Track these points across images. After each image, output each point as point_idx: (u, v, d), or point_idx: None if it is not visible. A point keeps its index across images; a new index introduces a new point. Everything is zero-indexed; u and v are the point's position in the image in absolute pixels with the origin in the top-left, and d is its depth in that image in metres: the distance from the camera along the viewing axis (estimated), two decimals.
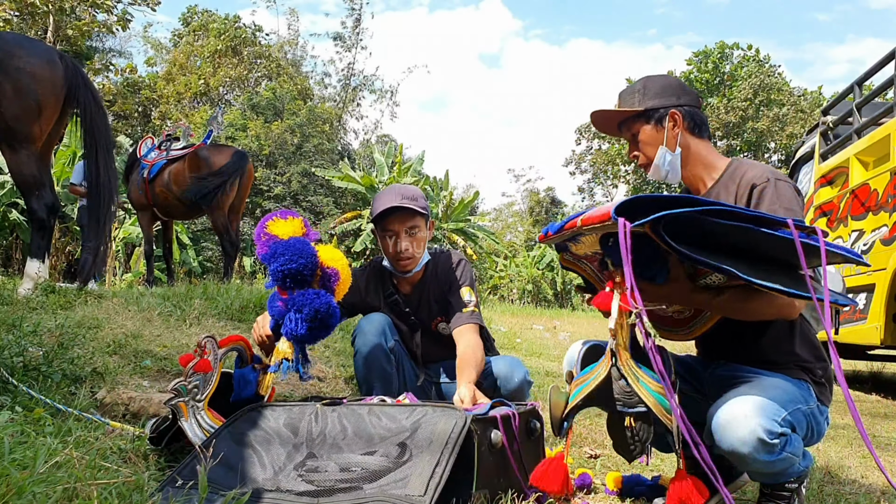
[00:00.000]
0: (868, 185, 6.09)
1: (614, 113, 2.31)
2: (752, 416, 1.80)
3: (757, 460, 1.83)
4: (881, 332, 5.64)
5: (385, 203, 2.77)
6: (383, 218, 2.79)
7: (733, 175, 2.18)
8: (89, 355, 3.22)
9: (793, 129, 28.29)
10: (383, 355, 2.78)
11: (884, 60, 6.47)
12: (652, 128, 2.25)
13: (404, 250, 2.80)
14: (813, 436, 2.06)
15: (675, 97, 2.25)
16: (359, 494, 1.79)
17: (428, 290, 2.93)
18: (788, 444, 1.86)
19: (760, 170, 2.12)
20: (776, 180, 2.08)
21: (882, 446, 3.62)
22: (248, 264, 19.44)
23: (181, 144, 8.28)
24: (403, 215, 2.78)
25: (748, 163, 2.20)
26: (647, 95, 2.26)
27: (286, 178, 22.95)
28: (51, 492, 1.46)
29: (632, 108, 2.26)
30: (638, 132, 2.27)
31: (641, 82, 2.30)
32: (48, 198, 4.85)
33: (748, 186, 2.10)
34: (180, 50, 29.16)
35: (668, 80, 2.31)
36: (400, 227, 2.79)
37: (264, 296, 5.30)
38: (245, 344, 2.56)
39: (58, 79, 4.83)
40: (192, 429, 2.25)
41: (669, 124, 2.23)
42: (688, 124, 2.24)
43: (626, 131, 2.32)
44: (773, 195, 2.05)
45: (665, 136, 2.23)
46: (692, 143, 2.25)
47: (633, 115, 2.27)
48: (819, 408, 2.07)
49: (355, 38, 29.37)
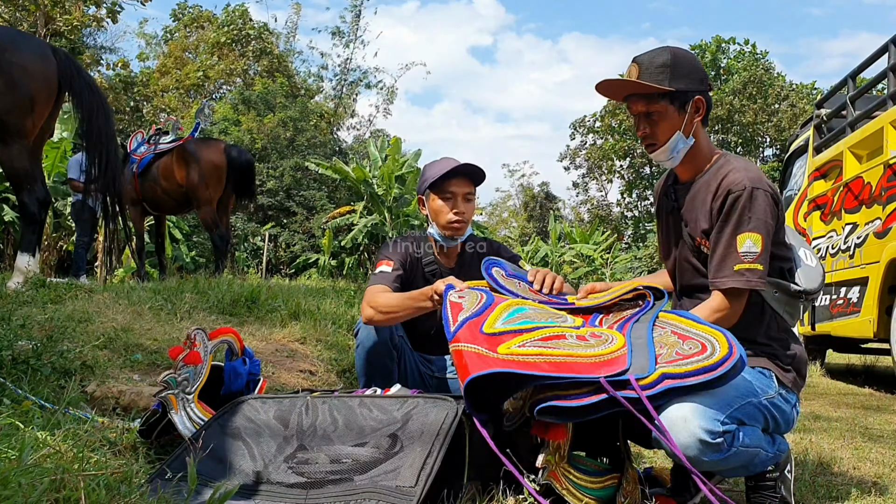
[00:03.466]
0: (861, 178, 6.10)
1: (638, 86, 2.13)
2: (691, 418, 1.77)
3: (705, 461, 1.81)
4: (874, 325, 5.65)
5: (448, 166, 2.80)
6: (446, 180, 2.80)
7: (717, 172, 2.15)
8: (79, 349, 3.20)
9: (779, 121, 28.34)
10: (385, 351, 2.74)
11: (877, 54, 6.48)
12: (675, 110, 2.13)
13: (462, 212, 2.82)
14: (779, 425, 2.04)
15: (700, 82, 2.16)
16: (349, 486, 1.78)
17: (471, 263, 2.91)
18: (737, 439, 1.84)
19: (741, 175, 2.08)
20: (753, 189, 2.05)
21: (874, 438, 3.63)
22: (240, 259, 19.41)
23: (170, 138, 8.24)
24: (464, 180, 2.82)
25: (733, 161, 2.17)
26: (677, 75, 2.11)
27: (279, 173, 22.87)
28: (38, 483, 1.44)
29: (660, 84, 2.11)
30: (656, 111, 2.14)
31: (669, 56, 2.13)
32: (40, 192, 4.83)
33: (725, 191, 2.08)
34: (176, 43, 29.05)
35: (696, 62, 2.20)
36: (460, 191, 2.82)
37: (255, 290, 5.29)
38: (235, 336, 2.54)
39: (51, 73, 4.80)
40: (182, 421, 2.23)
41: (692, 110, 2.15)
42: (704, 113, 2.18)
43: (638, 104, 2.17)
44: (746, 207, 2.05)
45: (685, 121, 2.14)
46: (700, 132, 2.20)
47: (656, 93, 2.12)
48: (783, 395, 2.06)
49: (354, 33, 29.33)
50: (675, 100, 2.13)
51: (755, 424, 1.94)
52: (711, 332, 1.86)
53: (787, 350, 2.14)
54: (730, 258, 2.05)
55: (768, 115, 28.98)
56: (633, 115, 2.22)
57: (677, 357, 1.81)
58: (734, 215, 2.05)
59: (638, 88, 2.14)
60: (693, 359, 1.79)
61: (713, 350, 1.80)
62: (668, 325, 1.97)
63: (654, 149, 2.19)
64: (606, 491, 1.93)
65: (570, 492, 1.87)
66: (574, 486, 1.88)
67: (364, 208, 20.85)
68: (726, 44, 31.50)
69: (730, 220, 2.06)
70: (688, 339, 1.87)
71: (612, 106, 32.49)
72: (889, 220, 5.53)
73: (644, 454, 2.91)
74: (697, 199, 2.18)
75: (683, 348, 1.84)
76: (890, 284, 5.52)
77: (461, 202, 2.82)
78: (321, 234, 21.31)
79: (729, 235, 2.06)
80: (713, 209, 2.11)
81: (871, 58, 6.67)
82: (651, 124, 2.16)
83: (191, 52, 28.85)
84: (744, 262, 2.03)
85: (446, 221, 2.83)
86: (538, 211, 36.08)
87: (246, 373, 2.51)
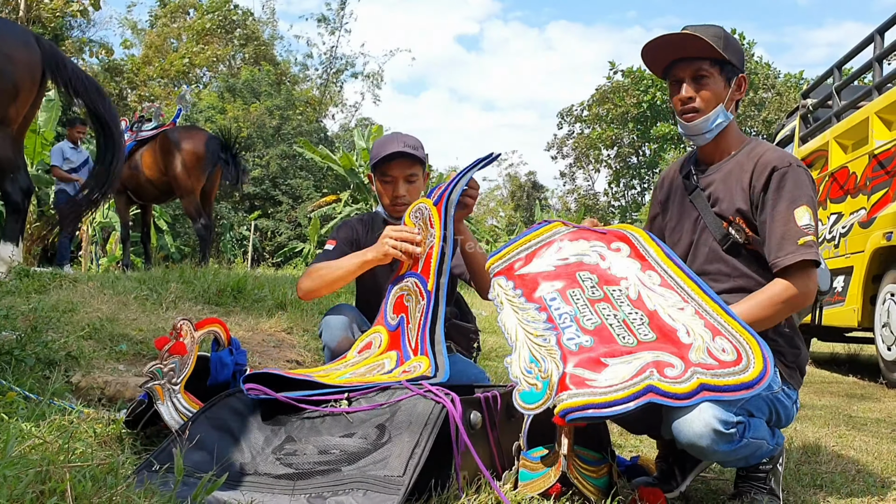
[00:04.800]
0: (847, 168, 6.13)
1: (699, 42, 2.10)
2: (706, 408, 1.76)
3: (717, 451, 1.81)
4: (858, 314, 5.70)
5: (387, 149, 2.79)
6: (384, 163, 2.80)
7: (750, 154, 2.16)
8: (64, 339, 3.18)
9: (768, 114, 28.44)
10: (348, 348, 2.73)
11: (863, 44, 6.51)
12: (723, 81, 2.15)
13: (402, 196, 2.81)
14: (780, 419, 2.05)
15: (742, 63, 2.20)
16: (338, 476, 1.77)
17: None
18: (747, 430, 1.85)
19: (780, 153, 2.11)
20: (797, 166, 2.08)
21: (858, 427, 3.66)
22: (226, 249, 19.32)
23: (152, 125, 8.20)
24: (404, 162, 2.81)
25: (765, 144, 2.20)
26: (728, 48, 2.13)
27: (265, 161, 22.76)
28: (23, 475, 1.43)
29: (720, 49, 2.11)
30: (707, 74, 2.14)
31: (721, 30, 2.15)
32: (23, 181, 4.80)
33: (768, 167, 2.08)
34: (156, 32, 28.80)
35: (738, 42, 2.24)
36: (400, 174, 2.82)
37: (241, 279, 5.27)
38: (222, 327, 2.53)
39: (34, 61, 4.76)
40: (169, 412, 2.22)
41: (734, 87, 2.17)
42: (742, 94, 2.21)
43: (687, 68, 2.16)
44: (794, 182, 2.05)
45: (728, 95, 2.16)
46: (734, 114, 2.22)
47: (712, 59, 2.13)
48: (786, 391, 2.06)
49: (340, 20, 29.15)
50: (725, 70, 2.15)
51: (761, 417, 1.95)
52: (745, 336, 1.84)
53: (792, 347, 2.14)
54: (791, 233, 2.01)
55: (757, 107, 29.07)
56: (676, 80, 2.20)
57: (713, 363, 1.79)
58: (785, 191, 2.04)
59: (699, 44, 2.11)
60: (730, 370, 1.77)
61: (748, 363, 1.78)
62: (692, 302, 1.95)
63: (695, 116, 2.17)
64: (603, 480, 1.94)
65: (579, 481, 1.88)
66: (581, 476, 1.89)
67: (350, 197, 20.80)
68: None
69: (782, 196, 2.04)
70: (719, 334, 1.85)
71: (599, 95, 32.53)
72: (874, 210, 5.57)
73: (630, 442, 2.93)
74: (731, 178, 2.16)
75: (716, 348, 1.82)
76: (874, 274, 5.57)
77: (401, 184, 2.82)
78: (307, 222, 21.25)
79: (785, 211, 2.03)
80: (754, 187, 2.09)
81: (857, 48, 6.70)
82: (699, 88, 2.16)
83: (175, 39, 28.60)
84: (807, 235, 2.00)
85: (388, 203, 2.86)
86: (525, 200, 36.08)
87: (232, 363, 2.49)
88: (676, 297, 1.96)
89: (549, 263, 2.12)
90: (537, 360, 1.89)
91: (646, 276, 2.04)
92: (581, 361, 1.84)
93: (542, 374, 1.85)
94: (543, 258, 2.15)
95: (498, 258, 2.22)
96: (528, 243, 2.22)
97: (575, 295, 2.01)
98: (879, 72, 6.11)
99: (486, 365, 4.39)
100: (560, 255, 2.13)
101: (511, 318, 2.02)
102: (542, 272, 2.11)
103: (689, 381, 1.75)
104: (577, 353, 1.86)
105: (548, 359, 1.87)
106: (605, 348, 1.86)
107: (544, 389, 1.82)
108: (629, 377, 1.77)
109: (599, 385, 1.77)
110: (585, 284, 2.04)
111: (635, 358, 1.82)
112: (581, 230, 2.20)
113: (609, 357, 1.84)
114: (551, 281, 2.07)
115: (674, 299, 1.96)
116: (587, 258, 2.11)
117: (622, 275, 2.05)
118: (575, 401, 1.75)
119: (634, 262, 2.08)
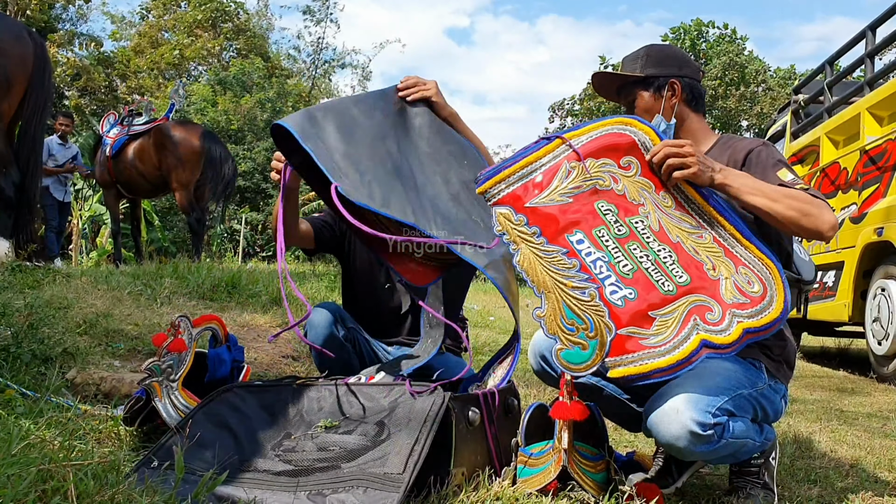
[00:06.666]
0: (838, 163, 6.17)
1: (615, 77, 2.31)
2: (683, 409, 1.80)
3: (695, 452, 1.83)
4: (849, 308, 5.73)
5: None
6: None
7: (723, 147, 2.20)
8: (59, 335, 3.17)
9: (762, 108, 28.48)
10: (338, 346, 2.69)
11: (854, 40, 6.53)
12: (651, 95, 2.23)
13: None
14: (767, 415, 2.06)
15: (677, 67, 2.25)
16: (337, 473, 1.78)
17: None
18: (727, 430, 1.86)
19: (753, 140, 2.18)
20: (770, 146, 2.14)
21: (849, 421, 3.69)
22: (215, 244, 19.23)
23: (143, 119, 8.15)
24: None
25: (737, 137, 2.25)
26: (649, 63, 2.25)
27: (255, 154, 22.64)
28: (25, 473, 1.43)
29: (633, 73, 2.26)
30: (635, 99, 2.26)
31: (644, 49, 2.30)
32: (16, 175, 4.77)
33: (744, 151, 2.12)
34: (151, 23, 28.60)
35: (672, 50, 2.33)
36: None
37: (235, 275, 5.26)
38: (219, 323, 2.53)
39: (27, 55, 4.73)
40: (167, 409, 2.22)
41: (668, 94, 2.22)
42: (686, 96, 2.23)
43: (624, 97, 2.31)
44: (768, 154, 2.09)
45: (662, 105, 2.22)
46: (687, 116, 2.25)
47: (632, 81, 2.26)
48: (773, 386, 2.07)
49: (325, 11, 28.92)
50: (650, 85, 2.23)
51: (744, 416, 1.96)
52: (764, 260, 1.86)
53: (779, 340, 2.15)
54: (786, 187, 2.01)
55: (749, 102, 29.08)
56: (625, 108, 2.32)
57: (746, 301, 1.80)
58: (763, 159, 2.07)
59: (615, 79, 2.32)
60: (761, 306, 1.80)
61: (772, 296, 1.81)
62: (708, 228, 1.93)
63: None
64: (602, 475, 1.94)
65: (579, 475, 1.88)
66: (581, 471, 1.89)
67: None
68: (706, 27, 31.52)
69: (762, 163, 2.07)
70: (741, 264, 1.85)
71: (591, 88, 32.48)
72: (865, 206, 5.60)
73: (625, 438, 2.94)
74: None
75: (742, 282, 1.83)
76: (865, 269, 5.60)
77: None
78: None
79: (771, 174, 2.04)
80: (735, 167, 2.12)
81: (848, 44, 6.72)
82: (634, 108, 2.27)
83: (166, 30, 28.42)
84: (800, 184, 2.01)
85: None
86: None
87: (230, 360, 2.50)
88: (693, 221, 1.93)
89: (564, 193, 1.96)
90: (578, 315, 1.81)
91: (661, 199, 1.96)
92: (630, 319, 1.81)
93: (589, 334, 1.79)
94: (555, 187, 1.97)
95: (494, 181, 2.00)
96: (529, 165, 2.01)
97: (602, 235, 1.91)
98: (871, 68, 6.14)
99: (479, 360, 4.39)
100: (573, 183, 1.97)
101: (534, 263, 1.89)
102: (558, 205, 1.95)
103: (731, 329, 1.77)
104: (625, 310, 1.82)
105: (593, 317, 1.81)
106: (649, 300, 1.83)
107: (591, 350, 1.78)
108: (678, 330, 1.78)
109: (652, 344, 1.77)
110: (608, 219, 1.93)
111: (678, 305, 1.82)
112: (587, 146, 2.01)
113: (654, 309, 1.82)
114: (572, 216, 1.93)
115: (691, 225, 1.93)
116: (601, 181, 1.96)
117: (639, 201, 1.95)
118: (638, 366, 1.76)
119: (648, 182, 1.97)
